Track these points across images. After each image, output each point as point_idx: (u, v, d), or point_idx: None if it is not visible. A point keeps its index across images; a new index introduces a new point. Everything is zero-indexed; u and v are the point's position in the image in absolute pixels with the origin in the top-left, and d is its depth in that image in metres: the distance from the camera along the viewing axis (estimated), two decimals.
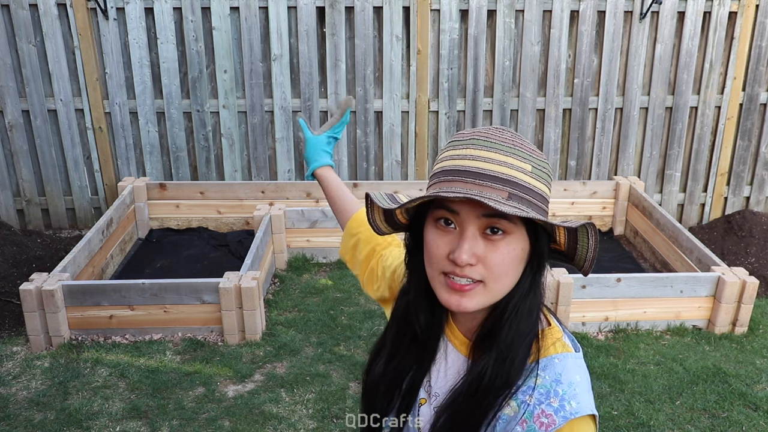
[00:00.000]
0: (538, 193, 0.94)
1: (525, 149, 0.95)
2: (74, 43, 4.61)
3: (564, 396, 0.94)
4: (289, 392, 3.22)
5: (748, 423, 3.08)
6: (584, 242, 0.96)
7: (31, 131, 4.75)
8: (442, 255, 0.95)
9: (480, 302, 0.96)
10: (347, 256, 1.41)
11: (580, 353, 1.01)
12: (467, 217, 0.92)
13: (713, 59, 4.87)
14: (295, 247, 4.49)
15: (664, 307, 3.75)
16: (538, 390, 0.95)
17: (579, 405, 0.93)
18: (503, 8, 4.69)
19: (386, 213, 1.06)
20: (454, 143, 0.97)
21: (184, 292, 3.52)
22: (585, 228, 0.93)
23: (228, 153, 4.91)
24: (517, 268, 0.95)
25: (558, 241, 1.00)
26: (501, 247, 0.93)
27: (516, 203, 0.91)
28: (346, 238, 1.41)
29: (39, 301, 3.40)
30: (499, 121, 4.93)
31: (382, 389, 1.10)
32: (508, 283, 0.96)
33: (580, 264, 1.00)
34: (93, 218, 4.93)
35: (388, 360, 1.10)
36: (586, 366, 1.01)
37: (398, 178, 5.02)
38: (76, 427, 2.97)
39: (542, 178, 0.95)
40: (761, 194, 5.21)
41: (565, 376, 0.96)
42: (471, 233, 0.92)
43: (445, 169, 0.95)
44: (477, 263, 0.93)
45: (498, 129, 0.96)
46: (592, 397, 0.97)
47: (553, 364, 0.97)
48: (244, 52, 4.69)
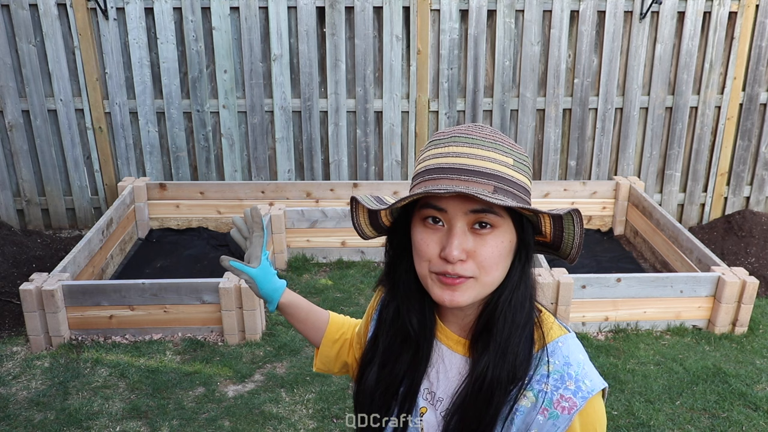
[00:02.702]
0: (520, 185, 0.96)
1: (506, 144, 0.97)
2: (74, 43, 4.61)
3: (578, 377, 0.96)
4: (289, 392, 3.22)
5: (748, 423, 3.08)
6: (570, 230, 0.97)
7: (31, 131, 4.75)
8: (433, 253, 0.96)
9: (472, 296, 0.97)
10: (329, 365, 1.36)
11: (573, 333, 1.04)
12: (455, 213, 0.94)
13: (713, 59, 4.87)
14: (295, 247, 4.49)
15: (664, 307, 3.75)
16: (552, 377, 0.97)
17: (593, 382, 0.96)
18: (503, 8, 4.69)
19: (371, 215, 1.07)
20: (435, 142, 0.98)
21: (184, 292, 3.52)
22: (570, 215, 0.94)
23: (228, 153, 4.91)
24: (506, 261, 0.97)
25: (544, 231, 1.01)
26: (489, 240, 0.94)
27: (502, 196, 0.92)
28: (326, 348, 1.35)
29: (39, 301, 3.40)
30: (499, 121, 4.93)
31: (378, 396, 1.10)
32: (498, 275, 0.97)
33: (567, 251, 1.01)
34: (93, 218, 4.93)
35: (381, 366, 1.10)
36: None
37: (398, 178, 5.01)
38: (76, 427, 2.97)
39: (524, 171, 0.98)
40: (761, 194, 5.21)
41: (573, 357, 0.98)
42: (460, 229, 0.94)
43: (429, 167, 0.96)
44: (467, 258, 0.94)
45: (477, 126, 0.98)
46: (596, 370, 1.00)
47: (559, 348, 0.99)
48: (244, 52, 4.69)
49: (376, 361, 1.11)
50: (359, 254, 4.51)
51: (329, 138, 4.90)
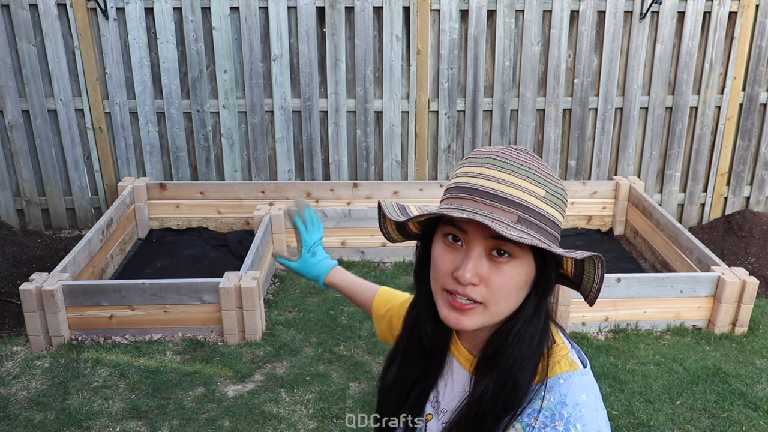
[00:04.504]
0: (549, 219, 0.93)
1: (541, 173, 0.94)
2: (74, 43, 4.61)
3: (569, 419, 0.92)
4: (289, 392, 3.22)
5: (748, 423, 3.08)
6: (591, 273, 0.95)
7: (31, 131, 4.75)
8: (447, 271, 0.95)
9: (479, 322, 0.95)
10: (388, 337, 1.41)
11: (587, 369, 0.99)
12: (475, 236, 0.92)
13: (713, 59, 4.87)
14: (295, 247, 4.48)
15: (664, 307, 3.75)
16: (543, 413, 0.93)
17: (585, 427, 0.92)
18: (503, 8, 4.69)
19: (398, 223, 1.07)
20: (471, 160, 0.97)
21: (184, 292, 3.52)
22: (592, 260, 0.92)
23: (228, 153, 4.91)
24: (519, 293, 0.95)
25: (565, 269, 1.00)
26: (506, 270, 0.92)
27: (525, 228, 0.90)
28: (378, 322, 1.43)
29: (39, 301, 3.40)
30: (499, 121, 4.93)
31: (394, 395, 1.12)
32: (508, 307, 0.95)
33: (585, 293, 1.00)
34: (93, 218, 4.93)
35: (400, 367, 1.12)
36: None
37: (398, 178, 5.02)
38: (76, 427, 2.97)
39: (556, 205, 0.95)
40: (761, 194, 5.21)
41: (571, 397, 0.94)
42: (477, 253, 0.92)
43: (459, 185, 0.95)
44: (480, 283, 0.93)
45: (516, 150, 0.96)
46: (601, 415, 0.95)
47: (559, 385, 0.95)
48: (244, 52, 4.69)
49: (396, 361, 1.13)
50: (359, 254, 4.51)
51: (329, 138, 4.90)
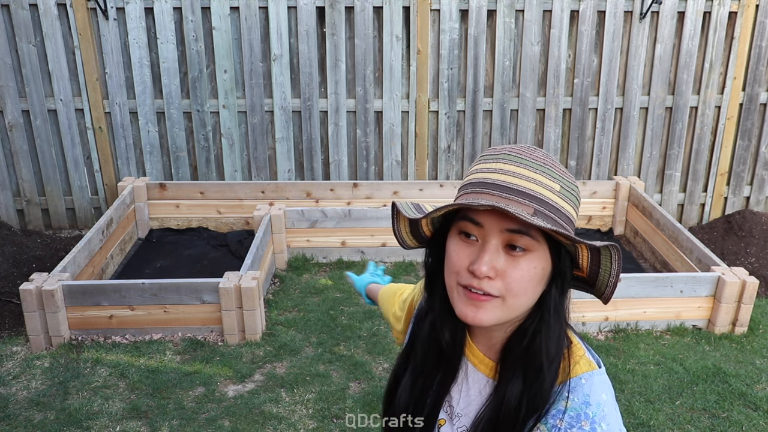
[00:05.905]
0: (564, 213, 0.94)
1: (555, 169, 0.95)
2: (74, 43, 4.61)
3: (594, 418, 0.93)
4: (289, 392, 3.22)
5: (748, 423, 3.08)
6: (606, 267, 0.96)
7: (31, 131, 4.75)
8: (463, 266, 0.95)
9: (496, 316, 0.95)
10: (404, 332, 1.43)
11: (603, 369, 1.01)
12: (491, 229, 0.92)
13: (713, 59, 4.87)
14: (295, 247, 4.49)
15: (664, 307, 3.75)
16: (568, 413, 0.94)
17: (609, 426, 0.93)
18: (503, 8, 4.69)
19: (412, 224, 1.06)
20: (486, 157, 0.98)
21: (184, 292, 3.52)
22: (609, 251, 0.93)
23: (228, 153, 4.91)
24: (536, 287, 0.95)
25: (580, 265, 1.00)
26: (522, 263, 0.92)
27: (541, 220, 0.90)
28: (392, 321, 1.43)
29: (39, 301, 3.40)
30: (499, 121, 4.93)
31: (407, 402, 1.10)
32: (524, 301, 0.95)
33: (602, 290, 1.00)
34: (93, 218, 4.93)
35: (413, 383, 1.10)
36: None
37: (398, 178, 5.02)
38: (76, 427, 2.97)
39: (570, 200, 0.96)
40: (761, 194, 5.21)
41: (593, 396, 0.95)
42: (493, 246, 0.92)
43: (474, 181, 0.96)
44: (496, 277, 0.93)
45: (530, 147, 0.97)
46: (619, 414, 0.97)
47: (581, 385, 0.96)
48: (244, 52, 4.69)
49: (411, 366, 1.12)
50: (359, 254, 4.51)
51: (329, 138, 4.90)
